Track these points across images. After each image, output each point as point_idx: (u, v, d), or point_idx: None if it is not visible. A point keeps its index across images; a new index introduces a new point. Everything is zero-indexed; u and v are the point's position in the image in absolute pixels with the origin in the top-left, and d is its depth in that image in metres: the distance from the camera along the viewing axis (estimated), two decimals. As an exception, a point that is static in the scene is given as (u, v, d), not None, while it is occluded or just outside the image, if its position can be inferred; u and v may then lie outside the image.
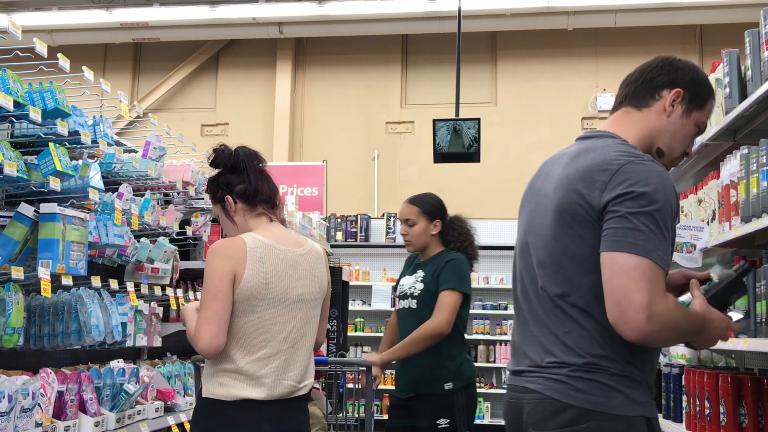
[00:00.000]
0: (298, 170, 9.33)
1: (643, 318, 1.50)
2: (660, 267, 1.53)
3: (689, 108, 1.76)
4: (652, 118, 1.76)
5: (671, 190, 1.60)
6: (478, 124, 6.14)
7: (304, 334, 2.28)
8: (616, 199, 1.57)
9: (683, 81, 1.77)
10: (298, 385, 2.24)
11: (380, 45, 10.26)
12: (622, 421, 1.58)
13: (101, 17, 9.42)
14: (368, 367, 3.48)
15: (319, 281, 2.33)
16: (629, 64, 1.82)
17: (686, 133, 1.77)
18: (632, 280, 1.51)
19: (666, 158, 1.78)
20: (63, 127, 2.62)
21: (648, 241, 1.53)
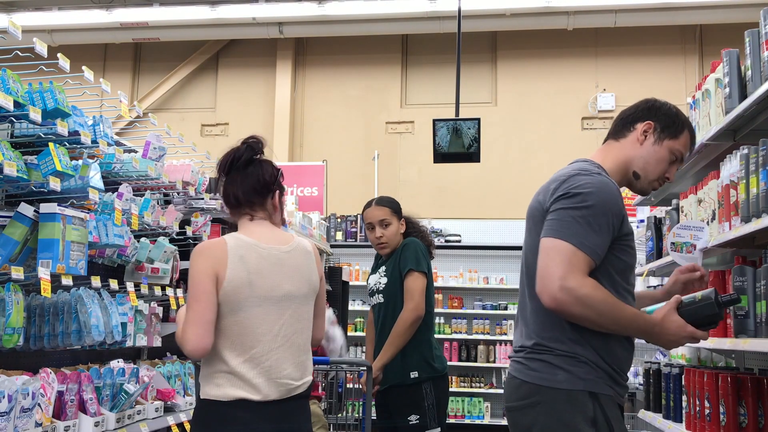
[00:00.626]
0: (298, 170, 9.33)
1: (557, 287, 1.80)
2: (580, 251, 1.83)
3: (661, 137, 2.05)
4: (628, 146, 2.08)
5: (610, 195, 1.89)
6: (478, 124, 6.14)
7: (297, 331, 2.26)
8: (556, 200, 1.90)
9: (654, 114, 2.07)
10: (294, 383, 2.23)
11: (380, 45, 10.27)
12: (564, 394, 1.87)
13: (101, 17, 9.42)
14: (368, 366, 3.49)
15: (308, 277, 2.32)
16: (629, 64, 1.96)
17: (659, 159, 2.05)
18: (550, 258, 1.84)
19: (642, 180, 2.08)
20: (63, 127, 2.62)
21: (571, 229, 1.84)
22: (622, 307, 1.86)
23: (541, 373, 1.91)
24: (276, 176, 2.39)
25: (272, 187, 2.36)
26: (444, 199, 9.68)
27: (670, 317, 1.90)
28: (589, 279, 1.82)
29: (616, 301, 1.85)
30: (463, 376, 8.62)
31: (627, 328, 1.89)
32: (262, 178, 2.34)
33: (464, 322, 8.70)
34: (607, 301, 1.83)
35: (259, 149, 2.41)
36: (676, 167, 2.10)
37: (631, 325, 1.88)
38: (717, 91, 2.92)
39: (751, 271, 2.42)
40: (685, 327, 1.89)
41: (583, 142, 9.62)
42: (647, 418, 3.65)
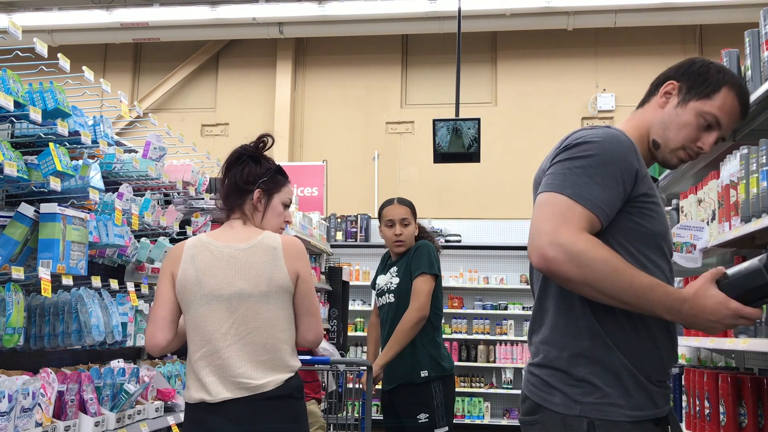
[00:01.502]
0: (298, 170, 9.32)
1: (545, 242, 1.51)
2: (578, 204, 1.54)
3: (686, 98, 1.74)
4: (649, 111, 1.80)
5: (618, 145, 1.61)
6: (478, 124, 6.14)
7: (253, 329, 2.21)
8: (555, 156, 1.66)
9: (678, 73, 1.78)
10: (253, 382, 2.18)
11: (380, 45, 10.27)
12: (560, 419, 1.59)
13: (101, 17, 9.43)
14: (369, 366, 3.49)
15: (269, 275, 2.23)
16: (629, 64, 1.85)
17: (682, 123, 1.73)
18: (541, 212, 1.57)
19: (663, 149, 1.76)
20: (63, 127, 2.62)
21: (566, 179, 1.57)
22: (633, 272, 1.50)
23: (540, 391, 1.65)
24: (257, 176, 2.38)
25: (248, 188, 2.37)
26: (444, 199, 9.69)
27: (706, 291, 1.51)
28: (587, 235, 1.52)
29: (626, 265, 1.51)
30: (463, 376, 8.62)
31: (642, 299, 1.49)
32: (239, 180, 2.37)
33: (464, 322, 8.70)
34: (610, 262, 1.49)
35: (250, 150, 2.42)
36: (715, 135, 1.73)
37: (647, 295, 1.49)
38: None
39: (751, 271, 2.41)
40: (728, 303, 1.49)
41: (583, 142, 9.62)
42: (647, 418, 3.64)
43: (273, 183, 2.41)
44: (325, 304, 7.22)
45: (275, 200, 2.42)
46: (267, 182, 2.39)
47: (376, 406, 7.22)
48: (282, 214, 2.45)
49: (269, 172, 2.41)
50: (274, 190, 2.41)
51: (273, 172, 2.43)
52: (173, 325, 2.29)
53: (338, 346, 6.96)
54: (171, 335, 2.28)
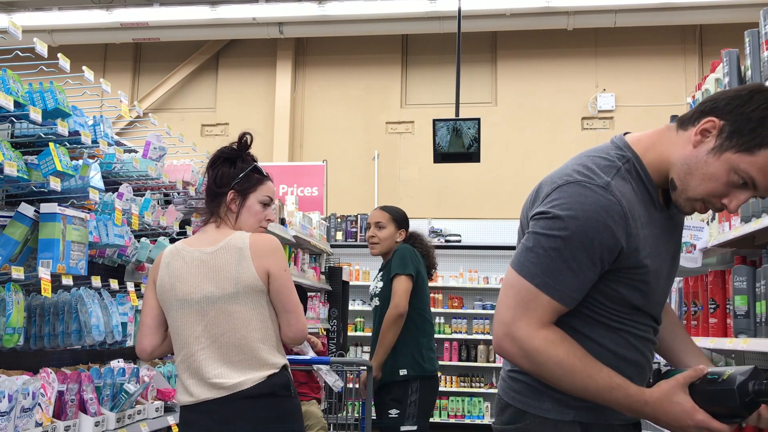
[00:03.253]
0: (298, 170, 9.32)
1: (501, 333, 1.47)
2: (543, 294, 1.44)
3: (723, 146, 1.43)
4: (680, 144, 1.50)
5: (603, 221, 1.41)
6: (478, 124, 6.14)
7: (227, 331, 2.22)
8: (535, 215, 1.50)
9: (726, 109, 1.44)
10: (229, 382, 2.19)
11: (380, 45, 10.27)
12: (551, 425, 1.53)
13: (101, 17, 9.43)
14: (369, 366, 3.50)
15: (235, 276, 2.22)
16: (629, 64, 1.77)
17: (708, 174, 1.44)
18: (506, 297, 1.49)
19: (679, 194, 1.50)
20: (63, 127, 2.62)
21: (538, 264, 1.45)
22: (590, 372, 1.43)
23: (526, 398, 1.56)
24: (230, 178, 2.38)
25: (221, 191, 2.37)
26: (444, 199, 9.69)
27: (672, 396, 1.41)
28: (546, 331, 1.44)
29: (583, 365, 1.43)
30: (463, 376, 8.62)
31: (599, 399, 1.44)
32: (212, 184, 2.41)
33: (464, 322, 8.70)
34: (564, 364, 1.42)
35: (226, 152, 2.42)
36: (747, 195, 1.46)
37: (604, 396, 1.43)
38: (717, 91, 2.92)
39: (750, 271, 2.42)
40: (694, 413, 1.39)
41: (583, 142, 9.62)
42: (647, 418, 3.64)
43: (247, 183, 2.39)
44: (325, 304, 7.21)
45: (250, 200, 2.39)
46: (240, 183, 2.38)
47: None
48: (259, 214, 2.41)
49: (243, 172, 2.39)
50: (249, 190, 2.39)
51: (248, 172, 2.40)
52: (158, 330, 2.36)
53: (338, 346, 6.96)
54: (157, 341, 2.36)
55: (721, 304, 2.64)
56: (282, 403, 2.23)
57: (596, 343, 1.51)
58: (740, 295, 2.40)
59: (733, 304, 2.46)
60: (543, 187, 1.55)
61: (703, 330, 2.78)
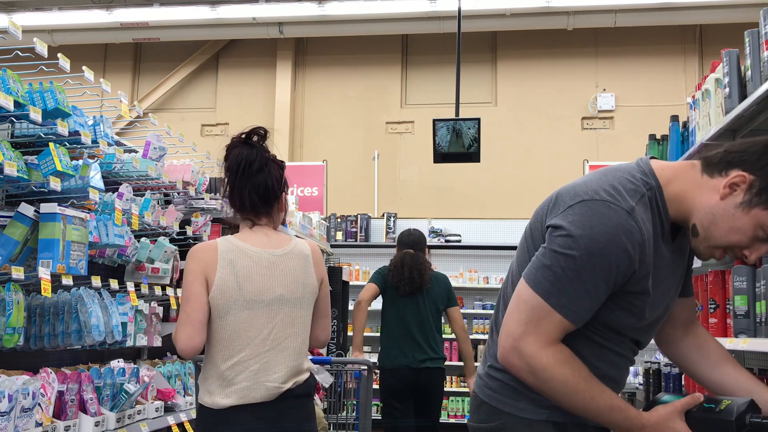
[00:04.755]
0: (298, 170, 9.31)
1: (508, 346, 1.49)
2: (556, 312, 1.45)
3: (753, 202, 1.44)
4: (705, 189, 1.50)
5: (617, 245, 1.42)
6: (478, 124, 6.14)
7: (290, 335, 2.26)
8: (552, 228, 1.49)
9: (756, 166, 1.45)
10: (282, 386, 2.22)
11: (380, 45, 10.27)
12: (526, 424, 1.56)
13: (101, 17, 9.42)
14: (369, 366, 3.50)
15: (303, 281, 2.31)
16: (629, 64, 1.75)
17: (735, 227, 1.46)
18: (518, 311, 1.49)
19: (700, 241, 1.52)
20: (63, 127, 2.62)
21: (554, 284, 1.45)
22: (593, 393, 1.46)
23: (502, 396, 1.59)
24: (282, 177, 2.39)
25: (278, 193, 2.37)
26: (444, 199, 9.68)
27: (668, 422, 1.45)
28: (554, 349, 1.46)
29: (587, 384, 1.46)
30: (462, 375, 8.62)
31: (599, 419, 1.48)
32: (270, 186, 2.34)
33: (464, 322, 8.69)
34: (569, 383, 1.45)
35: (267, 155, 2.41)
36: (766, 248, 1.49)
37: (604, 417, 1.47)
38: (717, 91, 2.92)
39: (750, 271, 2.42)
40: None
41: (583, 142, 9.62)
42: (647, 418, 3.64)
43: (286, 187, 2.45)
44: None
45: (284, 198, 2.45)
46: (286, 182, 2.44)
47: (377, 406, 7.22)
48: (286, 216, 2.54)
49: (282, 172, 2.43)
50: (285, 188, 2.44)
51: (283, 174, 2.45)
52: (206, 327, 2.25)
53: (338, 346, 6.96)
54: (205, 337, 2.25)
55: (721, 304, 2.64)
56: (311, 403, 2.34)
57: (581, 357, 1.52)
58: (740, 295, 2.40)
59: (733, 304, 2.46)
60: (564, 197, 1.53)
61: (703, 330, 2.78)
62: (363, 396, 3.53)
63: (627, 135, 9.29)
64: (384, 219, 9.10)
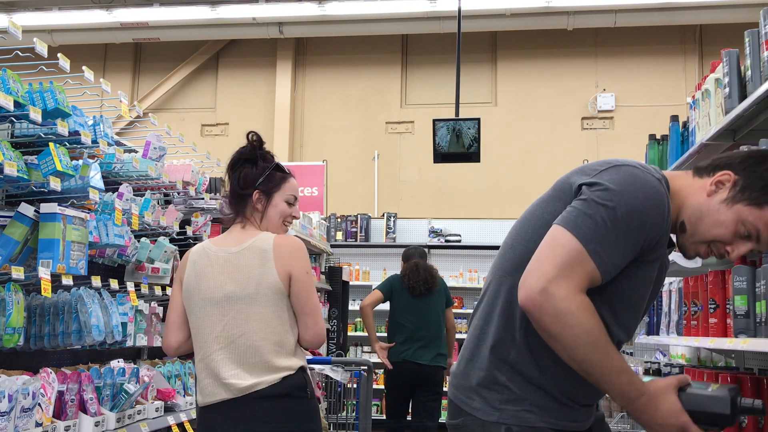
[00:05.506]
0: (298, 170, 9.24)
1: (539, 286, 1.44)
2: (591, 261, 1.45)
3: (735, 198, 1.54)
4: (695, 189, 1.59)
5: (653, 205, 1.47)
6: (478, 124, 6.14)
7: (245, 332, 2.22)
8: (588, 185, 1.50)
9: (741, 166, 1.56)
10: (243, 383, 2.19)
11: (380, 45, 10.27)
12: (479, 425, 1.56)
13: (101, 17, 9.42)
14: (369, 366, 3.49)
15: (258, 276, 2.24)
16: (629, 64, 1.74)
17: (719, 222, 1.54)
18: (553, 254, 1.46)
19: (687, 237, 1.59)
20: (63, 127, 2.62)
21: (595, 232, 1.45)
22: (609, 350, 1.46)
23: (461, 395, 1.61)
24: (254, 178, 2.39)
25: (247, 192, 2.38)
26: (444, 199, 9.69)
27: (666, 394, 1.48)
28: (583, 296, 1.45)
29: (606, 341, 1.46)
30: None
31: (604, 377, 1.47)
32: (236, 185, 2.41)
33: (464, 322, 8.70)
34: (592, 334, 1.44)
35: (246, 153, 2.42)
36: (749, 247, 1.56)
37: (611, 378, 1.46)
38: (717, 91, 2.92)
39: (750, 271, 2.42)
40: (680, 415, 1.46)
41: (583, 142, 9.63)
42: (647, 418, 3.64)
43: (271, 182, 2.40)
44: (325, 304, 7.22)
45: (276, 199, 2.41)
46: (264, 183, 2.39)
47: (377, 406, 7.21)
48: (285, 212, 2.43)
49: (266, 171, 2.40)
50: (273, 189, 2.40)
51: (271, 171, 2.41)
52: (183, 327, 2.37)
53: (338, 346, 6.96)
54: (182, 337, 2.37)
55: (721, 304, 2.64)
56: (298, 404, 2.23)
57: None
58: (740, 295, 2.40)
59: (733, 304, 2.46)
60: (590, 166, 1.57)
61: (703, 330, 2.78)
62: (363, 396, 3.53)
63: (627, 135, 9.29)
64: (384, 219, 9.10)
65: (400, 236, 9.07)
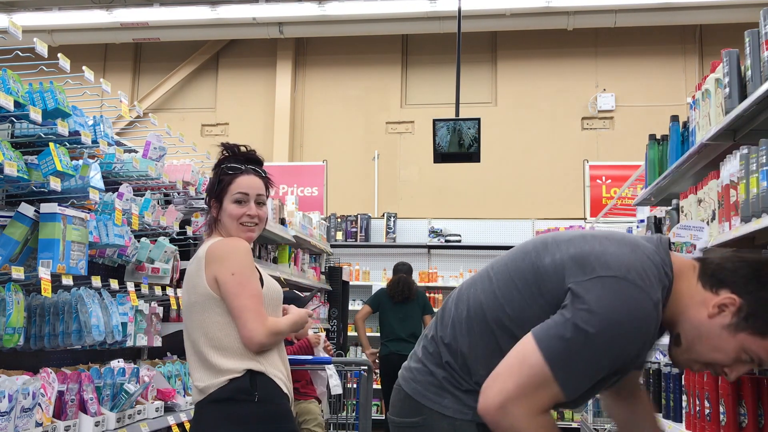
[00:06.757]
0: (298, 170, 9.32)
1: (498, 402, 1.43)
2: (557, 385, 1.41)
3: (740, 326, 1.46)
4: (696, 300, 1.50)
5: (638, 336, 1.42)
6: (478, 124, 6.14)
7: (196, 338, 2.27)
8: (576, 297, 1.43)
9: (746, 289, 1.47)
10: (199, 384, 2.25)
11: (380, 45, 10.27)
12: (449, 422, 1.55)
13: (101, 17, 9.42)
14: (369, 366, 3.50)
15: (194, 285, 2.26)
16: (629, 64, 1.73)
17: (719, 347, 1.48)
18: (519, 372, 1.43)
19: (680, 352, 1.54)
20: (63, 127, 2.62)
21: (567, 359, 1.41)
22: None
23: (427, 392, 1.58)
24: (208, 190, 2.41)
25: (206, 203, 2.43)
26: (444, 199, 9.69)
27: None
28: (543, 417, 1.45)
29: None
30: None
31: None
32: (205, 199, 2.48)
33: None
34: None
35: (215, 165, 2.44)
36: (747, 368, 1.51)
37: None
38: (717, 91, 2.92)
39: (751, 271, 2.41)
40: None
41: (583, 142, 9.63)
42: (647, 418, 3.64)
43: (219, 188, 2.36)
44: (325, 304, 7.22)
45: (225, 203, 2.35)
46: (215, 190, 2.37)
47: (377, 406, 7.23)
48: (235, 213, 2.34)
49: (215, 178, 2.38)
50: (222, 194, 2.36)
51: (218, 177, 2.37)
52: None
53: (338, 346, 6.97)
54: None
55: (721, 304, 2.63)
56: (242, 408, 2.20)
57: None
58: None
59: (733, 304, 2.45)
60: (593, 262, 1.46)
61: (703, 330, 2.78)
62: (363, 396, 3.54)
63: (627, 135, 9.29)
64: (384, 219, 9.10)
65: (400, 236, 9.07)
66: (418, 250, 8.97)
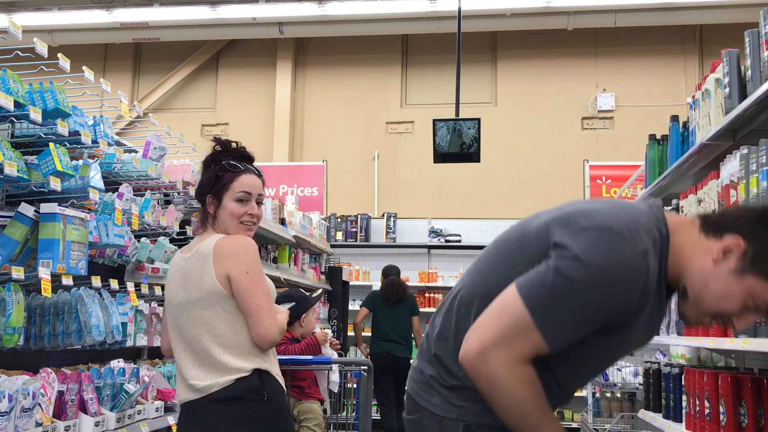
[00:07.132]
0: (298, 170, 9.32)
1: (477, 350, 1.41)
2: (540, 336, 1.38)
3: (746, 268, 1.41)
4: (701, 250, 1.46)
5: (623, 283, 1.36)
6: (478, 124, 6.14)
7: (196, 335, 2.24)
8: (560, 247, 1.40)
9: (752, 230, 1.42)
10: (197, 383, 2.22)
11: (380, 45, 10.27)
12: (437, 421, 1.54)
13: (101, 17, 9.43)
14: (369, 366, 3.50)
15: (199, 281, 2.24)
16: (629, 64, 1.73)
17: (726, 293, 1.42)
18: (499, 319, 1.41)
19: (689, 305, 1.48)
20: (63, 127, 2.62)
21: (548, 305, 1.38)
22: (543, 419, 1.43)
23: (420, 390, 1.59)
24: (204, 184, 2.40)
25: (202, 199, 2.43)
26: (444, 199, 9.69)
27: None
28: (522, 367, 1.40)
29: (540, 412, 1.43)
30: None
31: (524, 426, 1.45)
32: (196, 196, 2.49)
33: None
34: (525, 405, 1.41)
35: (205, 161, 2.46)
36: (753, 318, 1.47)
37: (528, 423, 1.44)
38: (717, 91, 2.92)
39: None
40: None
41: (583, 142, 9.62)
42: (647, 418, 3.65)
43: (219, 184, 2.36)
44: (325, 304, 7.22)
45: (225, 200, 2.35)
46: (214, 186, 2.37)
47: (377, 406, 7.23)
48: (236, 212, 2.34)
49: (213, 174, 2.38)
50: (221, 191, 2.36)
51: (218, 173, 2.37)
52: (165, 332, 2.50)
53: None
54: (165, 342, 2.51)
55: (721, 304, 2.63)
56: (250, 407, 2.20)
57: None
58: (740, 295, 2.40)
59: (733, 304, 2.45)
60: (578, 217, 1.44)
61: (703, 330, 2.78)
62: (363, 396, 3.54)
63: (627, 135, 9.29)
64: (384, 219, 9.10)
65: (400, 236, 9.07)
66: (418, 250, 8.97)
